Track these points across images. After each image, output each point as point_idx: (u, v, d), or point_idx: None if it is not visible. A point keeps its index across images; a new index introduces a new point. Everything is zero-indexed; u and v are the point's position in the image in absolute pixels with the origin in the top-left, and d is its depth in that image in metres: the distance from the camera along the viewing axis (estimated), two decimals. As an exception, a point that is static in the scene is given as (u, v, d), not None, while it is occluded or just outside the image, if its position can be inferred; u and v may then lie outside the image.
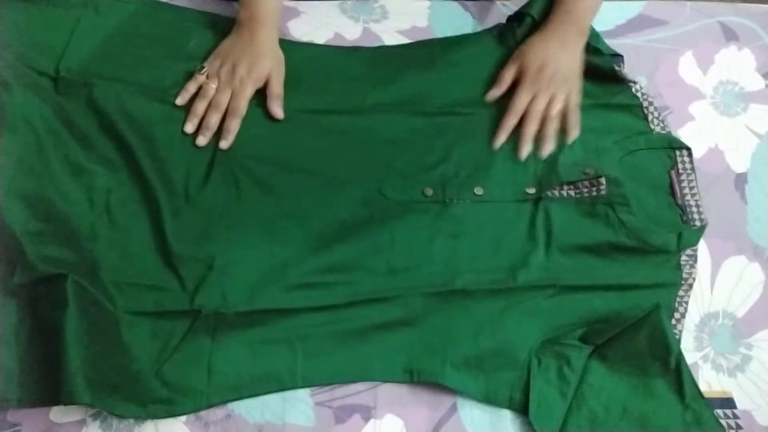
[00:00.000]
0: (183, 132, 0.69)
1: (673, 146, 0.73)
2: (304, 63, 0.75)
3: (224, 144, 0.68)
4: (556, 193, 0.68)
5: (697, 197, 0.71)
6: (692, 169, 0.72)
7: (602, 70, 0.75)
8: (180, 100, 0.70)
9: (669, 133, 0.74)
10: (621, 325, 0.63)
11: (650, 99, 0.75)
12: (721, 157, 0.76)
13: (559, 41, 0.72)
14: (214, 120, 0.68)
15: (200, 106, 0.69)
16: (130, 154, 0.66)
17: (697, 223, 0.70)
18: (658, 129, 0.74)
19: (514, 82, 0.73)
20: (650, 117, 0.74)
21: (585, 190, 0.68)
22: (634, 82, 0.76)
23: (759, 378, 0.66)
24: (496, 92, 0.73)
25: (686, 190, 0.71)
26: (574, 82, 0.72)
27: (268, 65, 0.70)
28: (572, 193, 0.68)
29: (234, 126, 0.69)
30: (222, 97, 0.69)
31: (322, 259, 0.64)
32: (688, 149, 0.73)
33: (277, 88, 0.71)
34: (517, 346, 0.63)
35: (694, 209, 0.70)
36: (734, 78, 0.81)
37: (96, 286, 0.59)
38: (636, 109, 0.75)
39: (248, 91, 0.70)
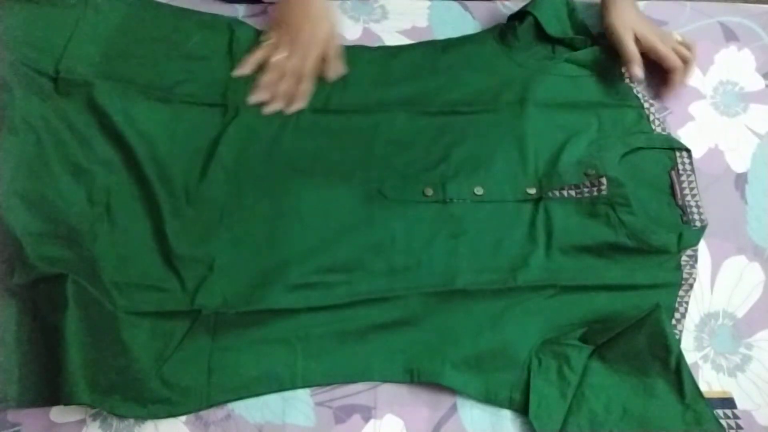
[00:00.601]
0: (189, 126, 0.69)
1: (673, 147, 0.73)
2: None
3: (297, 106, 0.70)
4: (557, 193, 0.68)
5: (697, 198, 0.71)
6: (692, 170, 0.72)
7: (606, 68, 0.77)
8: (247, 69, 0.71)
9: (669, 134, 0.74)
10: (621, 326, 0.63)
11: (650, 101, 0.76)
12: (721, 157, 0.76)
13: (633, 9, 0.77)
14: (288, 87, 0.70)
15: (272, 76, 0.70)
16: (130, 154, 0.66)
17: (698, 224, 0.70)
18: (658, 130, 0.74)
19: None
20: (651, 117, 0.74)
21: (586, 190, 0.68)
22: (635, 83, 0.76)
23: (759, 378, 0.66)
24: (640, 71, 0.74)
25: (686, 191, 0.71)
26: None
27: (327, 27, 0.72)
28: (573, 193, 0.68)
29: (307, 90, 0.70)
30: (293, 62, 0.70)
31: (322, 259, 0.64)
32: (688, 150, 0.73)
33: (336, 49, 0.72)
34: (517, 346, 0.63)
35: (695, 210, 0.70)
36: (734, 78, 0.81)
37: (96, 286, 0.59)
38: (637, 108, 0.75)
39: (314, 55, 0.71)
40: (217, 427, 0.59)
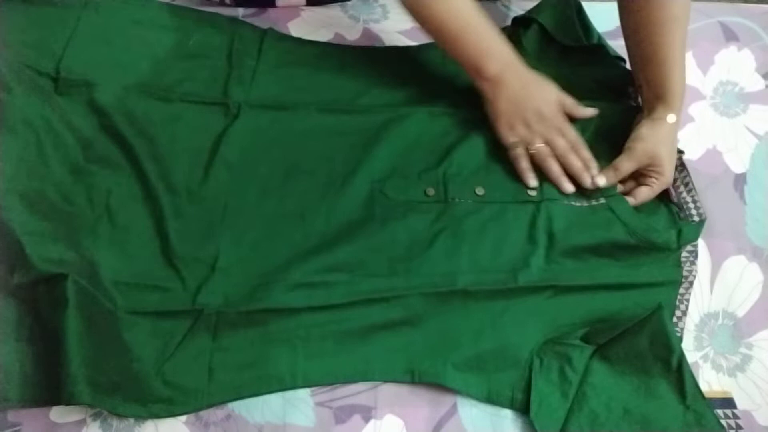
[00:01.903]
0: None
1: None
2: (312, 60, 0.75)
3: (601, 181, 0.67)
4: (556, 199, 0.68)
5: (693, 193, 0.71)
6: (683, 166, 0.72)
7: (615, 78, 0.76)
8: (534, 182, 0.68)
9: None
10: (623, 325, 0.63)
11: None
12: (720, 157, 0.76)
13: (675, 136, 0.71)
14: (577, 164, 0.68)
15: (555, 167, 0.68)
16: (130, 153, 0.66)
17: (696, 219, 0.69)
18: None
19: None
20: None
21: (585, 201, 0.68)
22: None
23: (759, 378, 0.66)
24: (602, 181, 0.69)
25: (681, 188, 0.71)
26: None
27: (553, 91, 0.69)
28: (572, 202, 0.68)
29: (589, 155, 0.68)
30: (559, 142, 0.68)
31: (323, 259, 0.64)
32: (680, 151, 0.73)
33: (571, 101, 0.70)
34: (518, 346, 0.63)
35: (691, 205, 0.70)
36: (734, 78, 0.81)
37: (96, 286, 0.59)
38: (634, 109, 0.75)
39: (564, 120, 0.69)
40: (218, 427, 0.59)
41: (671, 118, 0.68)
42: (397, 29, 0.81)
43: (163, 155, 0.67)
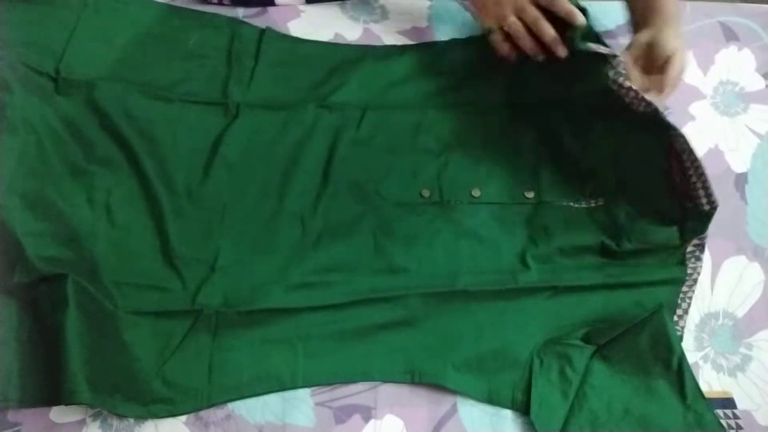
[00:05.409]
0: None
1: (667, 130, 0.66)
2: (310, 59, 0.75)
3: (562, 50, 0.67)
4: (555, 201, 0.68)
5: (703, 178, 0.64)
6: (691, 149, 0.64)
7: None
8: (505, 50, 0.70)
9: (655, 111, 0.65)
10: (623, 325, 0.63)
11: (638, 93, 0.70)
12: (721, 157, 0.76)
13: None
14: (549, 31, 0.67)
15: (529, 42, 0.68)
16: (130, 153, 0.66)
17: (706, 208, 0.64)
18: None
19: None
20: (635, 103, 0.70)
21: (584, 204, 0.68)
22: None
23: (759, 378, 0.66)
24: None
25: (691, 171, 0.65)
26: None
27: None
28: (572, 203, 0.68)
29: (551, 29, 0.67)
30: (530, 11, 0.68)
31: (322, 259, 0.64)
32: (682, 135, 0.69)
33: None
34: (518, 347, 0.63)
35: (701, 192, 0.64)
36: (734, 78, 0.81)
37: (96, 286, 0.59)
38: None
39: (528, 1, 0.68)
40: (218, 427, 0.59)
41: None
42: (397, 29, 0.81)
43: (163, 155, 0.67)
